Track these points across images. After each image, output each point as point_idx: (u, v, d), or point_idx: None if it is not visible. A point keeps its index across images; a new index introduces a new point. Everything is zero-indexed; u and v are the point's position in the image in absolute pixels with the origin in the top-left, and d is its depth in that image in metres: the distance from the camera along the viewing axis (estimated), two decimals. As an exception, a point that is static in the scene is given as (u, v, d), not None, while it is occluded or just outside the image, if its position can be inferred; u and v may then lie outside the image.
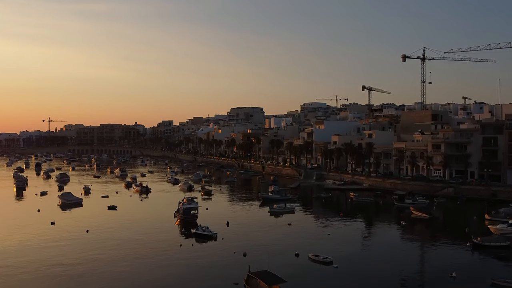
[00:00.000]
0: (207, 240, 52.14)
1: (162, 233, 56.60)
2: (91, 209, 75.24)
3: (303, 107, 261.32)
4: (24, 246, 49.38)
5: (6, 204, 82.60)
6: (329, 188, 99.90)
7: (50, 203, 79.90)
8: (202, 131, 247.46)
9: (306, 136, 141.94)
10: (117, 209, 74.45)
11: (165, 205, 76.30)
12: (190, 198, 75.43)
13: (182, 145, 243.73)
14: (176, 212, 65.97)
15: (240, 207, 79.10)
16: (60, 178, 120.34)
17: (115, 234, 55.84)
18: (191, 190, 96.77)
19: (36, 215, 68.50)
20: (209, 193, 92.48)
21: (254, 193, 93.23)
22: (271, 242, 51.74)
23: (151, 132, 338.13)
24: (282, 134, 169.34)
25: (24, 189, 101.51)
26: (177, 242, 51.42)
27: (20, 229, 58.25)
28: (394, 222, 65.93)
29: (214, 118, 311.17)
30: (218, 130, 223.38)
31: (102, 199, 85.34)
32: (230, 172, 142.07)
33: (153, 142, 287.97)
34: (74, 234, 55.44)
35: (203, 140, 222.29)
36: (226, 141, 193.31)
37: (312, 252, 45.05)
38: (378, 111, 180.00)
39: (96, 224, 61.37)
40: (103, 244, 50.55)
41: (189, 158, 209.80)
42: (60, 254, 46.05)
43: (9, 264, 42.46)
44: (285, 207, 73.25)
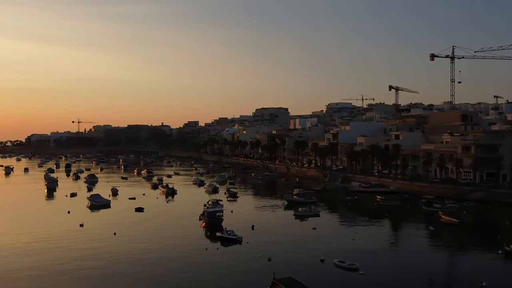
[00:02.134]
0: (232, 244, 52.29)
1: (188, 236, 57.09)
2: (118, 211, 76.50)
3: (328, 107, 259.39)
4: (53, 248, 50.52)
5: (37, 205, 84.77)
6: (355, 190, 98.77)
7: (80, 205, 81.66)
8: (227, 132, 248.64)
9: (331, 137, 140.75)
10: (144, 211, 75.51)
11: (190, 207, 76.92)
12: (215, 200, 75.84)
13: (208, 146, 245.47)
14: (201, 215, 66.41)
15: (265, 210, 79.05)
16: (89, 179, 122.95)
17: (142, 236, 56.58)
18: (216, 192, 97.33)
19: (66, 217, 70.10)
20: (234, 195, 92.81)
21: (279, 195, 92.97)
22: (295, 246, 51.51)
23: (177, 132, 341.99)
24: (307, 135, 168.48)
25: (54, 190, 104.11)
26: (203, 245, 51.69)
27: (50, 231, 59.65)
28: (422, 227, 64.61)
29: (239, 118, 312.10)
30: (243, 131, 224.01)
31: (129, 201, 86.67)
32: (254, 174, 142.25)
33: (179, 142, 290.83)
34: (101, 236, 56.47)
35: (228, 141, 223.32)
36: (251, 142, 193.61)
37: (338, 258, 44.58)
38: (405, 111, 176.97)
39: (123, 226, 62.35)
40: (129, 246, 51.30)
41: (214, 159, 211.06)
42: (87, 256, 46.91)
43: (39, 265, 43.50)
44: (310, 210, 72.83)
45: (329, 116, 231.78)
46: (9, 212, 75.12)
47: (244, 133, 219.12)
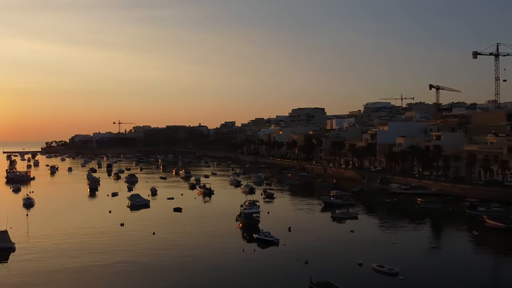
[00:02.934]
0: (269, 245, 52.27)
1: (225, 236, 57.55)
2: (157, 210, 78.05)
3: (366, 107, 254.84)
4: (95, 247, 52.04)
5: (80, 204, 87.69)
6: (394, 192, 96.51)
7: (120, 204, 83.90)
8: (264, 132, 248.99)
9: (369, 137, 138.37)
10: (182, 211, 76.73)
11: (227, 208, 77.49)
12: (251, 201, 76.05)
13: (244, 146, 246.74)
14: (238, 216, 66.79)
15: (302, 212, 78.61)
16: (129, 179, 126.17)
17: (180, 237, 57.52)
18: (252, 193, 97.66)
19: (108, 216, 72.12)
20: (271, 196, 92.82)
21: (316, 197, 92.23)
22: (333, 249, 50.96)
23: (214, 133, 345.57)
24: (344, 135, 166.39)
25: (96, 189, 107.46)
26: (240, 246, 51.99)
27: (93, 230, 61.58)
28: (465, 231, 62.46)
29: (275, 119, 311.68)
30: (279, 131, 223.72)
31: (167, 201, 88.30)
32: (291, 174, 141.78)
33: (216, 143, 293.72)
34: (141, 236, 57.77)
35: (264, 141, 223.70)
36: (287, 142, 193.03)
37: (376, 262, 43.71)
38: (446, 111, 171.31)
39: (162, 226, 63.57)
40: (167, 247, 52.19)
41: (251, 159, 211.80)
42: (127, 255, 48.10)
43: (81, 263, 44.95)
44: (347, 212, 71.83)
45: (366, 116, 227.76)
46: (54, 211, 78.10)
47: (280, 134, 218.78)
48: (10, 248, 49.65)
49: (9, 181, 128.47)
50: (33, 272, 42.15)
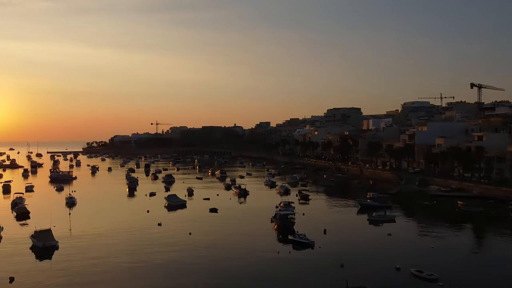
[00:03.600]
0: (304, 248, 52.06)
1: (260, 238, 57.68)
2: (194, 211, 79.14)
3: (404, 106, 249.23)
4: (134, 246, 53.34)
5: (120, 204, 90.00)
6: (433, 194, 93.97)
7: (158, 204, 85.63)
8: (299, 133, 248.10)
9: (408, 138, 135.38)
10: (218, 211, 77.51)
11: (262, 209, 77.60)
12: (287, 203, 76.06)
13: (279, 147, 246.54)
14: (273, 217, 66.85)
15: (337, 214, 77.81)
16: (166, 179, 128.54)
17: (216, 237, 58.04)
18: (287, 194, 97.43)
19: (146, 216, 73.74)
20: (306, 197, 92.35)
21: (352, 199, 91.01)
22: (369, 253, 50.14)
23: (249, 133, 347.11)
24: (381, 135, 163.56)
25: (135, 189, 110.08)
26: (275, 248, 52.01)
27: (132, 229, 63.11)
28: (509, 236, 60.06)
29: (310, 119, 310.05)
30: (314, 132, 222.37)
31: (204, 201, 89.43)
32: (326, 175, 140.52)
33: (251, 143, 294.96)
34: (178, 236, 58.74)
35: (299, 142, 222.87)
36: (323, 143, 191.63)
37: (415, 267, 42.71)
38: (489, 110, 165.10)
39: (198, 227, 64.41)
40: (203, 247, 52.82)
41: (286, 160, 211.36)
42: (165, 255, 49.06)
43: (120, 262, 46.21)
44: (384, 215, 70.54)
45: (404, 116, 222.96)
46: (94, 210, 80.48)
47: (315, 134, 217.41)
48: (54, 246, 51.60)
49: (52, 181, 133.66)
50: (75, 270, 43.63)
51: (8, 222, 67.07)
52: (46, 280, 40.63)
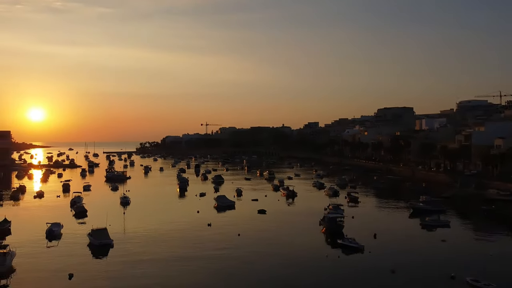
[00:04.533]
0: (353, 252, 51.21)
1: (308, 241, 57.29)
2: (242, 212, 79.89)
3: (459, 105, 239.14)
4: (185, 246, 54.56)
5: (171, 204, 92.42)
6: (492, 199, 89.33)
7: (208, 205, 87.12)
8: (348, 133, 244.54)
9: (463, 139, 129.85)
10: (266, 213, 77.81)
11: (310, 211, 77.12)
12: (335, 205, 75.22)
13: (328, 147, 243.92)
14: (321, 220, 66.21)
15: (388, 217, 75.90)
16: (215, 180, 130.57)
17: (264, 239, 58.23)
18: (336, 196, 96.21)
19: (196, 216, 75.26)
20: (355, 200, 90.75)
21: (403, 202, 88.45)
22: (422, 259, 48.47)
23: (297, 133, 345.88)
24: (434, 136, 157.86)
25: (185, 189, 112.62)
26: (323, 252, 51.54)
27: (182, 229, 64.70)
28: None
29: (360, 119, 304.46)
30: (364, 132, 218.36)
31: (252, 202, 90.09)
32: (377, 177, 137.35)
33: (299, 144, 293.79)
34: (227, 236, 59.54)
35: (348, 142, 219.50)
36: (373, 143, 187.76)
37: (471, 275, 40.88)
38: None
39: (246, 228, 64.93)
40: (252, 249, 53.20)
41: (335, 161, 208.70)
42: (215, 255, 49.77)
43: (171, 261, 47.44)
44: (438, 219, 67.98)
45: (460, 116, 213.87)
46: (147, 210, 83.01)
47: (365, 135, 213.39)
48: (109, 244, 53.80)
49: (108, 180, 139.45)
50: (129, 268, 45.25)
51: (68, 220, 70.62)
52: (102, 277, 42.45)
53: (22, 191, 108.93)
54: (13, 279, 41.91)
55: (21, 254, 48.76)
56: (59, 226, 62.34)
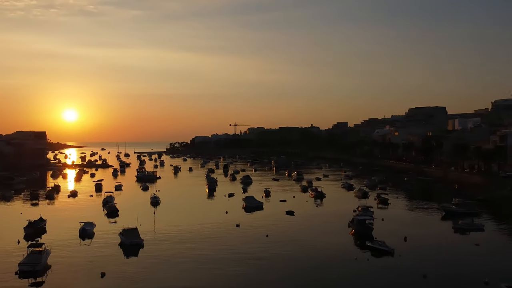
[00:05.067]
0: (383, 255, 50.44)
1: (337, 243, 56.74)
2: (270, 213, 79.82)
3: (494, 104, 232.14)
4: (214, 246, 54.92)
5: (200, 204, 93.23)
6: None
7: (236, 205, 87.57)
8: (378, 133, 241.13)
9: (498, 139, 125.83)
10: (294, 214, 77.57)
11: (339, 213, 76.50)
12: (365, 207, 74.36)
13: (357, 148, 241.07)
14: (350, 222, 65.53)
15: (419, 220, 74.32)
16: (244, 180, 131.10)
17: (292, 241, 58.00)
18: (365, 197, 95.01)
19: (224, 217, 75.73)
20: (385, 201, 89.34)
21: (435, 204, 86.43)
22: (455, 264, 47.34)
23: (326, 134, 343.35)
24: (468, 137, 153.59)
25: (214, 190, 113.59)
26: (352, 255, 50.96)
27: (211, 229, 65.17)
28: None
29: (390, 119, 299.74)
30: (395, 132, 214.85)
31: (280, 203, 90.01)
32: (407, 178, 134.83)
33: (327, 144, 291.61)
34: (255, 237, 59.60)
35: (378, 143, 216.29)
36: (403, 144, 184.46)
37: (506, 281, 39.59)
38: None
39: (274, 229, 64.87)
40: (280, 250, 53.05)
41: (364, 162, 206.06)
42: (243, 256, 50.01)
43: (200, 261, 47.86)
44: (472, 223, 66.11)
45: (495, 115, 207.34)
46: (177, 210, 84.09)
47: (395, 135, 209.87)
48: (140, 244, 54.80)
49: (138, 180, 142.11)
50: (158, 268, 46.00)
51: (100, 219, 72.35)
52: (133, 277, 43.25)
53: (57, 190, 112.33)
54: (48, 276, 43.29)
55: (55, 252, 50.38)
56: (92, 225, 64.01)
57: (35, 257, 45.68)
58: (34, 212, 77.92)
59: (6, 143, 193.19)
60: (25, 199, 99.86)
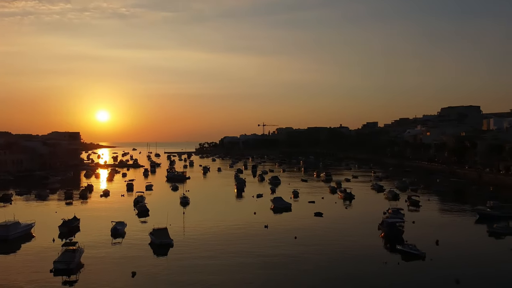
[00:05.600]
0: (414, 259, 49.47)
1: (366, 246, 56.04)
2: (298, 214, 79.51)
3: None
4: (243, 247, 55.20)
5: (228, 204, 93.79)
6: None
7: (264, 206, 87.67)
8: (409, 133, 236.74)
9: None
10: (323, 216, 77.03)
11: (368, 215, 75.54)
12: (395, 209, 73.17)
13: (387, 148, 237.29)
14: (380, 224, 64.58)
15: (451, 223, 72.46)
16: (272, 181, 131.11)
17: (320, 243, 57.64)
18: (396, 199, 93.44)
19: (253, 217, 75.95)
20: (416, 203, 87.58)
21: (469, 207, 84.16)
22: (489, 269, 45.94)
23: (355, 134, 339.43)
24: (503, 137, 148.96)
25: (243, 190, 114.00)
26: (382, 258, 50.14)
27: (240, 230, 65.50)
28: None
29: (422, 118, 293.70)
30: (427, 132, 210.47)
31: (308, 204, 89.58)
32: (439, 180, 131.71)
33: (357, 144, 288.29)
34: (283, 239, 59.46)
35: (409, 143, 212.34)
36: (435, 144, 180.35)
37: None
38: None
39: (303, 231, 64.56)
40: (309, 253, 52.80)
41: (395, 162, 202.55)
42: (271, 258, 50.01)
43: (229, 263, 48.18)
44: (507, 226, 64.02)
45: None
46: (206, 210, 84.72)
47: (427, 135, 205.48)
48: (170, 244, 55.61)
49: (168, 180, 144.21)
50: (188, 268, 46.57)
51: (131, 219, 73.79)
52: (163, 277, 43.94)
53: (90, 190, 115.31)
54: (81, 274, 44.52)
55: (88, 251, 51.75)
56: (123, 225, 65.40)
57: (69, 256, 47.07)
58: (68, 211, 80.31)
59: (42, 143, 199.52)
60: (60, 198, 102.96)
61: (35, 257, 51.00)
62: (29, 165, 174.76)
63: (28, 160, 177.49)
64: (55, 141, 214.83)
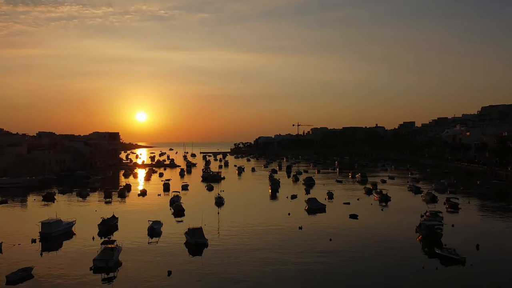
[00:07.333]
0: (453, 264, 48.08)
1: (403, 249, 54.89)
2: (333, 215, 78.83)
3: None
4: (277, 249, 55.19)
5: (263, 205, 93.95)
6: None
7: (298, 207, 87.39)
8: (447, 133, 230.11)
9: None
10: (358, 218, 76.02)
11: (405, 218, 74.01)
12: (433, 212, 71.42)
13: (425, 149, 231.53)
14: (417, 227, 63.13)
15: (493, 227, 69.88)
16: (307, 182, 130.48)
17: (355, 246, 56.89)
18: (434, 202, 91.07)
19: (287, 218, 75.84)
20: (456, 206, 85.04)
21: (511, 210, 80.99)
22: (534, 276, 44.08)
23: (392, 134, 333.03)
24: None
25: (277, 191, 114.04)
26: (419, 262, 49.05)
27: (274, 231, 65.48)
28: None
29: (461, 118, 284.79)
30: (466, 132, 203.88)
31: (343, 205, 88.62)
32: (480, 182, 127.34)
33: (393, 144, 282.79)
34: (318, 241, 59.13)
35: (448, 143, 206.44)
36: (476, 145, 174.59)
37: None
38: None
39: (337, 233, 64.00)
40: (344, 255, 52.30)
41: (432, 163, 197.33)
42: (305, 259, 49.81)
43: (263, 263, 48.30)
44: (554, 232, 61.26)
45: None
46: (240, 210, 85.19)
47: (467, 135, 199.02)
48: (204, 243, 56.33)
49: (204, 180, 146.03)
50: (222, 268, 47.03)
51: (167, 218, 75.23)
52: (198, 276, 44.56)
53: (128, 189, 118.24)
54: (119, 272, 45.78)
55: (126, 249, 53.15)
56: (160, 224, 66.76)
57: (108, 254, 48.48)
58: (107, 210, 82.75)
59: (84, 144, 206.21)
60: (100, 197, 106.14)
61: (76, 255, 52.80)
62: (71, 164, 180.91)
63: (71, 159, 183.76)
64: (96, 141, 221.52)
